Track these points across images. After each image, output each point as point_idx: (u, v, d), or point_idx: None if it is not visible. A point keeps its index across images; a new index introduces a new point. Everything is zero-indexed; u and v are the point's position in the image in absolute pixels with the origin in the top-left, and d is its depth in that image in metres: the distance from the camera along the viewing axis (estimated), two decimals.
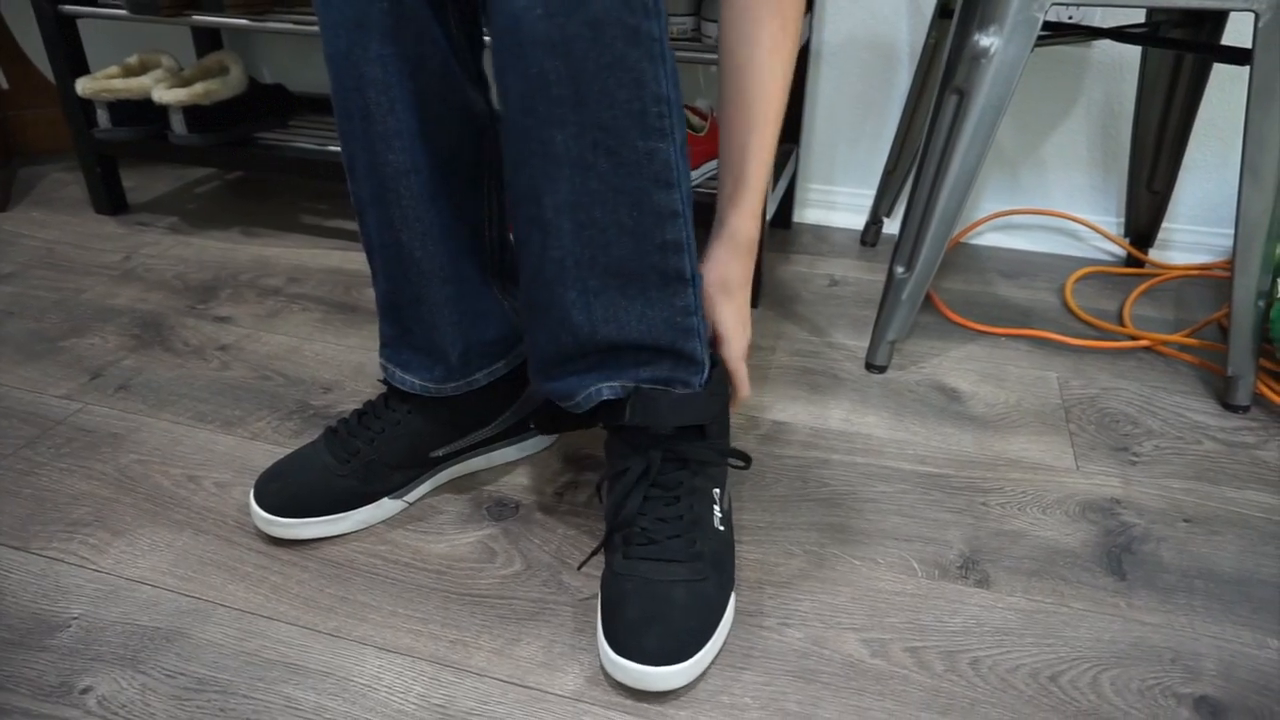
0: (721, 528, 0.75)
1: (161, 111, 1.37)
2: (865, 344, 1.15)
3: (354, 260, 1.37)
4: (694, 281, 0.69)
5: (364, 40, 0.65)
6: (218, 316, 1.20)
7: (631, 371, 0.71)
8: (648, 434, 0.73)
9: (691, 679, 0.67)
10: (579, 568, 0.77)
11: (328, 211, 1.56)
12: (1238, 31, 1.19)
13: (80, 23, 1.42)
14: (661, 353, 0.70)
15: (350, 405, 1.01)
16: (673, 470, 0.73)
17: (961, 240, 1.48)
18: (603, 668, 0.68)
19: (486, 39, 0.70)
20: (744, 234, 0.75)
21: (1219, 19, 1.17)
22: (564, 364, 0.71)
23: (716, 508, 0.75)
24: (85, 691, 0.66)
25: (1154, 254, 1.40)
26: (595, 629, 0.72)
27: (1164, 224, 1.38)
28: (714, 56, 1.19)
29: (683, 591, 0.69)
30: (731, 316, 0.76)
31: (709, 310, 0.75)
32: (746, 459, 0.77)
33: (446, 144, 0.72)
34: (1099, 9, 1.26)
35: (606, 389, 0.71)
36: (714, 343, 0.76)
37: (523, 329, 0.77)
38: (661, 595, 0.68)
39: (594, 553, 0.74)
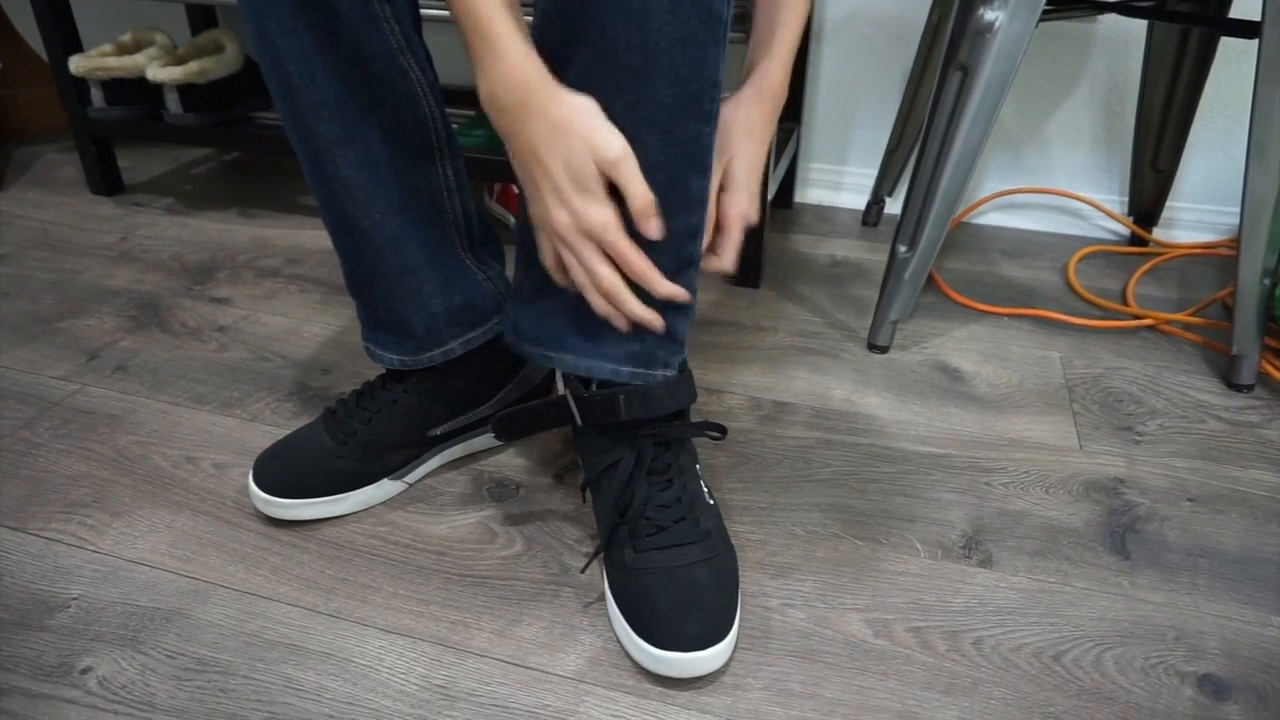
0: (711, 500, 0.75)
1: (156, 90, 1.36)
2: (867, 324, 1.15)
3: None
4: (696, 265, 0.68)
5: (275, 14, 0.65)
6: (215, 298, 1.19)
7: (625, 348, 0.70)
8: (633, 423, 0.72)
9: (730, 653, 0.67)
10: (582, 571, 0.75)
11: None
12: (1245, 5, 1.17)
13: (73, 0, 1.40)
14: (658, 335, 0.70)
15: (349, 386, 1.00)
16: (661, 454, 0.73)
17: (964, 220, 1.47)
18: (638, 666, 0.67)
19: (426, 11, 0.68)
20: (771, 80, 0.71)
21: None
22: (577, 335, 0.71)
23: (702, 482, 0.75)
24: (85, 672, 0.66)
25: (1158, 233, 1.39)
26: (609, 626, 0.71)
27: (1168, 202, 1.37)
28: None
29: (704, 571, 0.68)
30: (748, 159, 0.71)
31: (725, 150, 0.70)
32: (722, 430, 0.76)
33: (381, 114, 0.71)
34: None
35: (609, 368, 0.71)
36: (720, 188, 0.71)
37: (540, 296, 0.74)
38: (688, 580, 0.67)
39: (596, 553, 0.73)
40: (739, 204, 0.71)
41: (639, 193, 0.61)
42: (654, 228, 0.63)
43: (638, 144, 0.60)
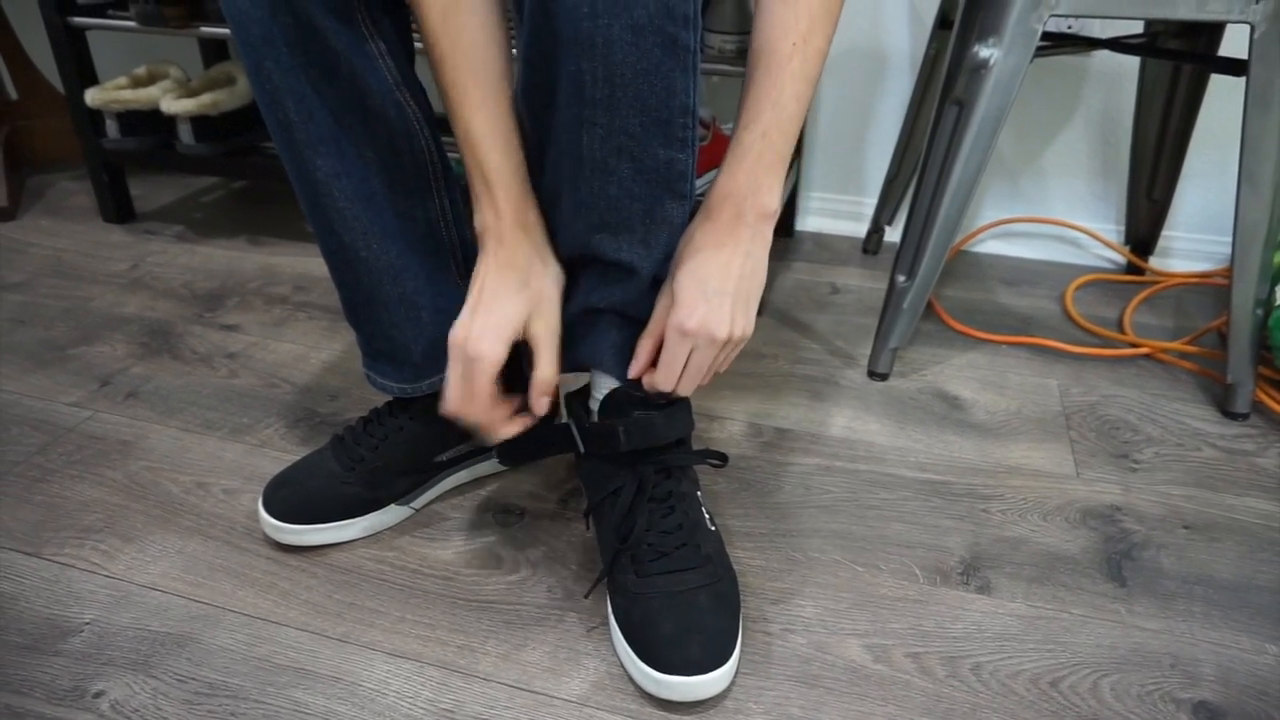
0: (712, 527, 0.76)
1: (169, 121, 1.39)
2: (867, 352, 1.16)
3: None
4: None
5: (273, 54, 0.67)
6: (225, 325, 1.21)
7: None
8: (634, 451, 0.73)
9: (732, 678, 0.68)
10: (585, 596, 0.76)
11: None
12: (1234, 43, 1.20)
13: (89, 34, 1.43)
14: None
15: (357, 412, 1.01)
16: (662, 481, 0.74)
17: (962, 248, 1.49)
18: (641, 690, 0.68)
19: (418, 45, 0.71)
20: (720, 189, 0.65)
21: (1216, 30, 1.18)
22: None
23: (704, 508, 0.76)
24: (98, 696, 0.67)
25: (1154, 262, 1.41)
26: (612, 650, 0.72)
27: (1164, 231, 1.38)
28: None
29: (705, 596, 0.70)
30: (686, 277, 0.65)
31: (671, 272, 0.67)
32: (723, 457, 0.77)
33: (377, 147, 0.73)
34: (1098, 20, 1.27)
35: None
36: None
37: None
38: (689, 604, 0.69)
39: (599, 579, 0.74)
40: (674, 317, 0.66)
41: (545, 373, 0.70)
42: (543, 405, 0.71)
43: (611, 173, 0.62)
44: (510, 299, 0.67)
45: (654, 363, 0.70)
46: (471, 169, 0.67)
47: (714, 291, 0.65)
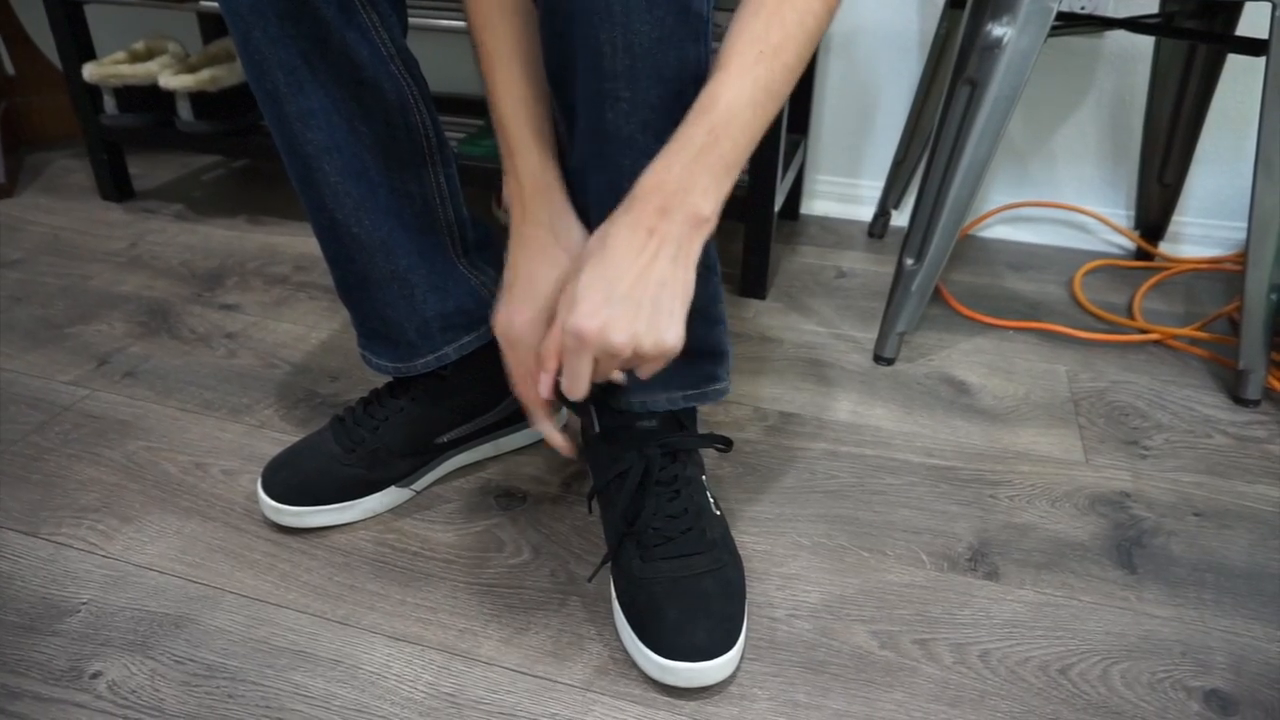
0: (718, 511, 0.75)
1: (168, 98, 1.37)
2: (873, 336, 1.15)
3: None
4: (717, 270, 0.68)
5: (261, 24, 0.65)
6: (224, 304, 1.20)
7: (683, 374, 0.72)
8: (636, 434, 0.72)
9: (737, 663, 0.67)
10: (589, 580, 0.75)
11: None
12: (1252, 23, 1.18)
13: (87, 8, 1.41)
14: (695, 351, 0.70)
15: (357, 393, 1.00)
16: (668, 465, 0.73)
17: (970, 232, 1.48)
18: (645, 676, 0.67)
19: (416, 20, 0.69)
20: (647, 180, 0.57)
21: (1233, 9, 1.16)
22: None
23: (709, 493, 0.75)
24: (95, 676, 0.66)
25: (1164, 247, 1.39)
26: (616, 635, 0.71)
27: (1174, 217, 1.37)
28: None
29: (711, 581, 0.69)
30: (593, 278, 0.57)
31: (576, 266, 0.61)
32: (728, 442, 0.76)
33: (370, 121, 0.71)
34: None
35: (665, 399, 0.73)
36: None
37: None
38: (694, 590, 0.68)
39: (604, 562, 0.72)
40: (571, 318, 0.57)
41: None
42: (546, 384, 0.64)
43: (639, 151, 0.61)
44: (540, 265, 0.65)
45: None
46: (500, 138, 0.67)
47: (621, 297, 0.56)
